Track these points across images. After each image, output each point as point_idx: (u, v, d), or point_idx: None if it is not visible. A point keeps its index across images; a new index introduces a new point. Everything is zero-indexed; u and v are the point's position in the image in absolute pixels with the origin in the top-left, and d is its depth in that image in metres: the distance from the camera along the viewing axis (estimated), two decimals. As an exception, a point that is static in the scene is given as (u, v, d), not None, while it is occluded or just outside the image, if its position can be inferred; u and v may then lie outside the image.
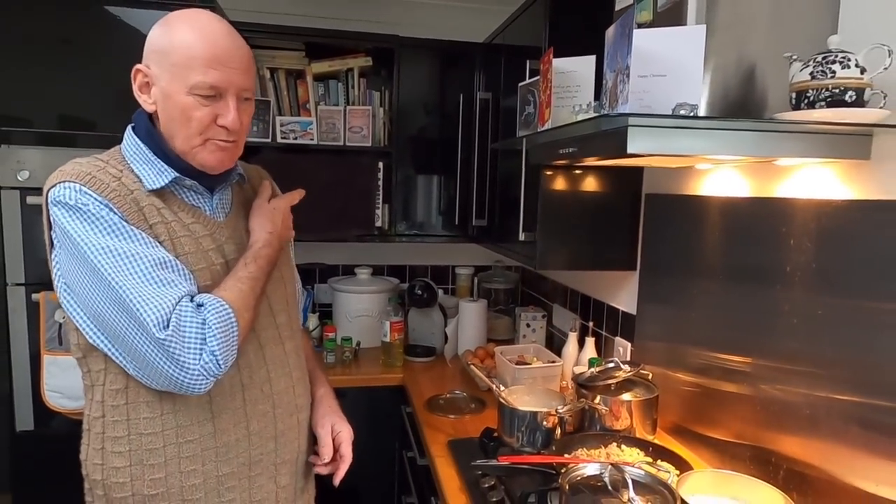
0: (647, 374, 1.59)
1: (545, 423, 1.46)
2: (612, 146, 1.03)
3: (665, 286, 1.66)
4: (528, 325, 2.36)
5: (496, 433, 1.54)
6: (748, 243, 1.34)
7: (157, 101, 1.02)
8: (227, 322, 0.96)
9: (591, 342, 1.93)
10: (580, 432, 1.49)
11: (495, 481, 1.36)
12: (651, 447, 1.39)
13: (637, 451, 1.39)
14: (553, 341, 2.36)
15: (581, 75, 1.33)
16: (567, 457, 1.34)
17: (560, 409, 1.47)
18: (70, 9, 1.94)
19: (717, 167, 1.45)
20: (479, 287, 2.80)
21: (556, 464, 1.30)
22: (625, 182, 1.77)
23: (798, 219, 1.20)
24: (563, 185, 1.73)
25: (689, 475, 1.19)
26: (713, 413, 1.46)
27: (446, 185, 2.55)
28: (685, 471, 1.25)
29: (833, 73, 0.95)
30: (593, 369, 1.60)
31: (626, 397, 1.50)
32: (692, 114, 0.94)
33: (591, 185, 1.75)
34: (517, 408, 1.51)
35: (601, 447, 1.40)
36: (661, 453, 1.36)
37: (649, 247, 1.75)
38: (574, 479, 1.15)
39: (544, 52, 1.35)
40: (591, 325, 2.01)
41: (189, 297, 0.96)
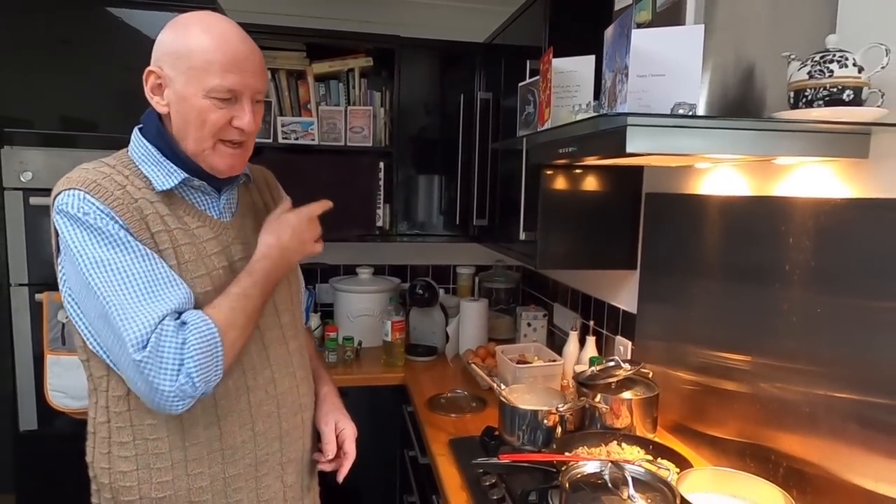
0: (648, 373, 1.60)
1: (546, 422, 1.47)
2: (611, 145, 1.04)
3: (665, 285, 1.66)
4: (529, 325, 2.37)
5: (497, 432, 1.55)
6: (747, 242, 1.35)
7: (170, 103, 1.01)
8: (210, 342, 0.94)
9: (591, 341, 1.94)
10: (581, 430, 1.50)
11: (496, 479, 1.36)
12: (651, 445, 1.39)
13: (637, 449, 1.39)
14: (554, 340, 2.36)
15: (581, 75, 1.33)
16: (568, 455, 1.35)
17: (561, 407, 1.47)
18: (71, 10, 1.94)
19: (717, 166, 1.45)
20: (480, 286, 2.81)
21: (556, 462, 1.30)
22: (625, 181, 1.77)
23: (797, 217, 1.21)
24: (563, 184, 1.73)
25: (689, 473, 1.19)
26: (713, 411, 1.46)
27: (447, 185, 2.56)
28: (685, 468, 1.25)
29: (831, 72, 0.96)
30: (594, 368, 1.60)
31: (626, 396, 1.51)
32: (691, 113, 0.94)
33: (591, 184, 1.75)
34: (518, 406, 1.51)
35: (602, 445, 1.41)
36: (661, 451, 1.36)
37: (649, 246, 1.75)
38: (574, 476, 1.16)
39: (544, 52, 1.36)
40: (592, 324, 2.01)
41: (175, 315, 0.94)
